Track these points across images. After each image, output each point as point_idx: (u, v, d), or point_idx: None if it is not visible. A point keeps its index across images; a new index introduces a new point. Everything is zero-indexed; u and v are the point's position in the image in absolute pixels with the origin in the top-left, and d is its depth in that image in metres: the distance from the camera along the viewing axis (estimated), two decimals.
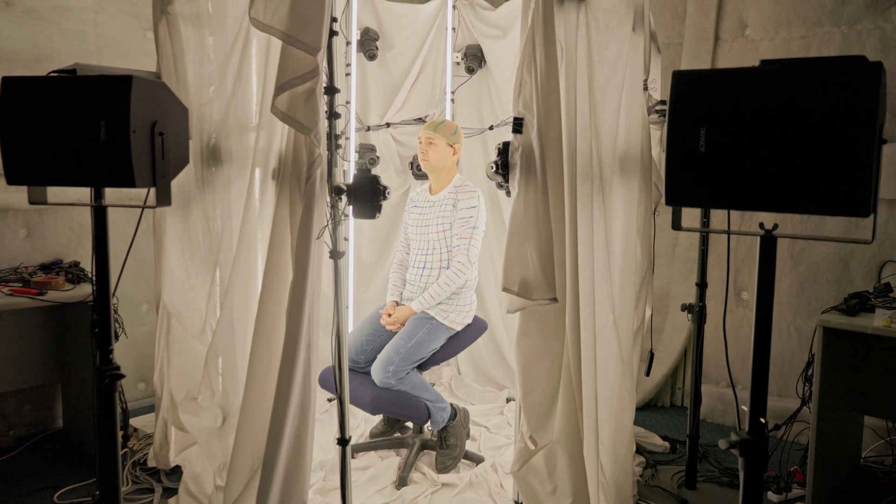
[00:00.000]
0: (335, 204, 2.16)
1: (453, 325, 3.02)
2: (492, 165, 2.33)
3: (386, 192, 2.18)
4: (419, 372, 2.97)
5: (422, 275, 3.09)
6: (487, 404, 3.72)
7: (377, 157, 3.69)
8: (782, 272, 3.38)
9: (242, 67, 2.45)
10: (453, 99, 3.85)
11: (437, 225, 3.06)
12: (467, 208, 3.01)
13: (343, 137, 2.28)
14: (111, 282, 2.04)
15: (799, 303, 3.36)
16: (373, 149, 3.70)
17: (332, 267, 2.20)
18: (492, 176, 2.35)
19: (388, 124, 3.80)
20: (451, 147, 3.08)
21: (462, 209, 3.02)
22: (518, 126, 2.21)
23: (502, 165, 2.29)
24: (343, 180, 2.20)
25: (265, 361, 2.21)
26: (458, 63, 3.78)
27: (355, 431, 3.29)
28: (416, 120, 3.83)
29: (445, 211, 3.05)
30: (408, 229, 3.28)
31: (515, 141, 2.23)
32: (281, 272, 2.18)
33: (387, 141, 3.81)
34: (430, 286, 3.00)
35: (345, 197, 2.17)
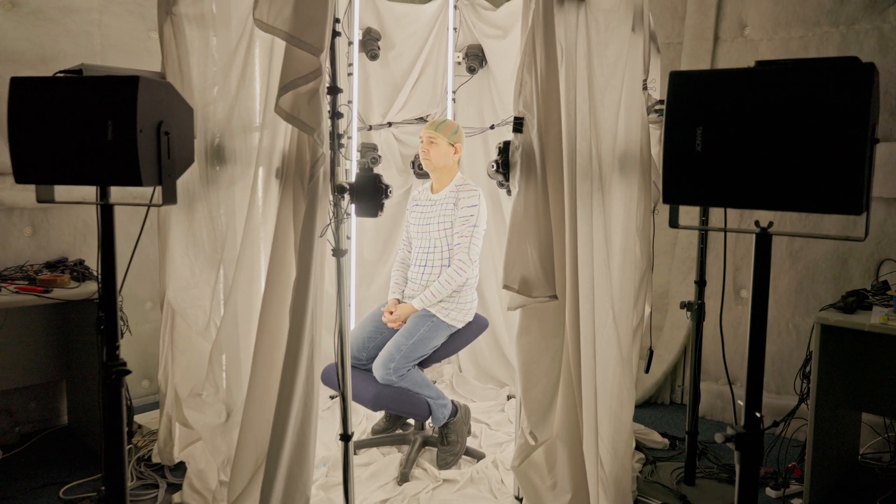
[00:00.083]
0: (338, 202, 2.18)
1: (454, 323, 3.04)
2: (492, 164, 2.34)
3: (388, 190, 2.20)
4: (420, 369, 2.99)
5: (423, 273, 3.12)
6: (488, 401, 3.73)
7: (379, 157, 3.71)
8: (781, 270, 3.39)
9: (246, 68, 2.47)
10: (454, 98, 3.87)
11: (439, 223, 3.08)
12: (468, 207, 3.03)
13: (345, 137, 2.29)
14: (117, 279, 2.06)
15: (797, 300, 3.38)
16: (375, 148, 3.73)
17: (335, 265, 2.22)
18: (492, 175, 2.37)
19: (389, 124, 3.81)
20: (453, 146, 3.10)
21: (463, 208, 3.04)
22: (518, 125, 2.23)
23: (503, 164, 2.30)
24: (345, 179, 2.22)
25: (269, 358, 2.23)
26: (459, 63, 3.80)
27: (357, 428, 3.31)
28: (417, 119, 3.85)
29: (447, 209, 3.07)
30: (409, 228, 3.30)
31: (516, 140, 2.25)
32: (284, 270, 2.19)
33: (389, 140, 3.83)
34: (432, 284, 3.03)
35: (347, 195, 2.18)
